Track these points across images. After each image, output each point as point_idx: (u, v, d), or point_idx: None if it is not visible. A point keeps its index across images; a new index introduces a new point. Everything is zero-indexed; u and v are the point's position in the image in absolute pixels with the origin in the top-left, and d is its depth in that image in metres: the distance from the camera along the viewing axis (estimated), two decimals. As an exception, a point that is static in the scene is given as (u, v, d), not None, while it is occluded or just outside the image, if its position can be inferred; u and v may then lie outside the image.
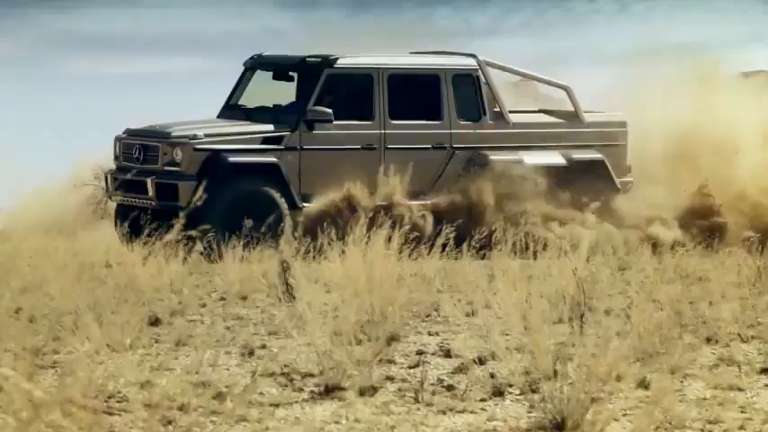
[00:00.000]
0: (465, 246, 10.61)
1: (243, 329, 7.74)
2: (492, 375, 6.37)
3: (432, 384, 6.22)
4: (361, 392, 6.02)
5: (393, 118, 13.53)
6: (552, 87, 14.26)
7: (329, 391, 6.05)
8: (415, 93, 13.68)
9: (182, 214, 8.93)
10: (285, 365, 6.56)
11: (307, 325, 6.88)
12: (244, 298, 8.97)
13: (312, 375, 6.35)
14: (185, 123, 13.36)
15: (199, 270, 10.29)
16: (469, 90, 13.83)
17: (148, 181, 12.91)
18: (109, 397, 5.73)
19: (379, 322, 7.45)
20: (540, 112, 14.38)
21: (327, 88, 13.39)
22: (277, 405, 5.82)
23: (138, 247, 9.75)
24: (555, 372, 5.90)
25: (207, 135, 13.08)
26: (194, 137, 13.00)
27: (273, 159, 13.06)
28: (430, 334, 7.70)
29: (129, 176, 12.90)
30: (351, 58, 13.60)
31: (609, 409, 5.52)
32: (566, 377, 5.64)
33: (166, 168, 12.98)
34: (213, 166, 12.81)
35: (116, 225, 13.32)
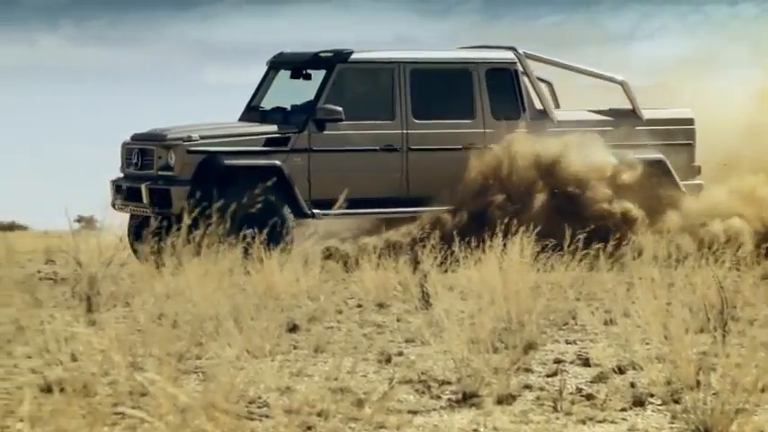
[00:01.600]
0: (602, 254, 10.46)
1: (380, 336, 7.77)
2: (632, 385, 6.29)
3: (570, 393, 6.17)
4: (499, 401, 5.99)
5: (417, 117, 12.52)
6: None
7: (467, 398, 6.03)
8: (444, 89, 12.69)
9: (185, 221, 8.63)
10: (422, 373, 6.56)
11: (443, 332, 6.88)
12: (380, 305, 9.00)
13: (449, 383, 6.34)
14: (190, 126, 12.46)
15: (335, 277, 10.37)
16: (506, 86, 12.80)
17: (142, 187, 12.09)
18: (250, 402, 5.79)
19: (516, 330, 7.41)
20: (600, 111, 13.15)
21: (341, 85, 12.44)
22: (415, 412, 5.83)
23: (275, 254, 9.83)
24: (698, 382, 5.81)
25: (203, 137, 12.14)
26: (188, 139, 12.09)
27: (276, 162, 12.09)
28: (567, 342, 7.64)
29: (125, 183, 12.33)
30: (367, 53, 12.63)
31: (755, 420, 5.41)
32: (709, 387, 5.55)
33: (160, 173, 12.13)
34: (208, 169, 11.95)
35: (128, 235, 12.49)
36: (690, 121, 13.07)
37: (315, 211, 12.08)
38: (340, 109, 12.23)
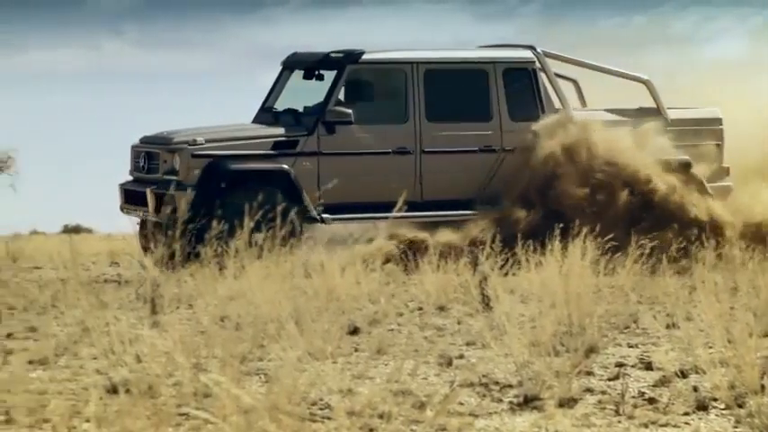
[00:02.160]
0: (664, 258, 10.38)
1: (440, 339, 7.77)
2: (695, 389, 6.26)
3: (633, 397, 6.14)
4: (561, 404, 5.98)
5: (431, 119, 12.18)
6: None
7: (528, 401, 6.03)
8: (459, 90, 12.33)
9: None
10: (483, 375, 6.56)
11: (504, 335, 6.88)
12: (441, 308, 9.01)
13: (510, 386, 6.34)
14: (198, 129, 12.16)
15: (396, 280, 10.38)
16: (525, 86, 12.43)
17: (147, 191, 11.82)
18: (312, 404, 5.82)
19: (577, 334, 7.39)
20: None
21: (352, 86, 12.12)
22: (476, 415, 5.83)
23: (336, 257, 9.86)
24: (762, 386, 5.77)
25: (208, 140, 11.86)
26: (193, 142, 11.82)
27: (282, 166, 11.80)
28: (629, 346, 7.61)
29: (132, 187, 12.11)
30: (379, 53, 12.27)
31: (820, 425, 5.37)
32: (773, 392, 5.51)
33: (165, 177, 11.84)
34: (213, 173, 11.69)
35: (139, 239, 12.13)
36: (718, 122, 12.67)
37: (325, 215, 11.81)
38: (350, 111, 11.95)
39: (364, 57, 12.14)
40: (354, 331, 7.95)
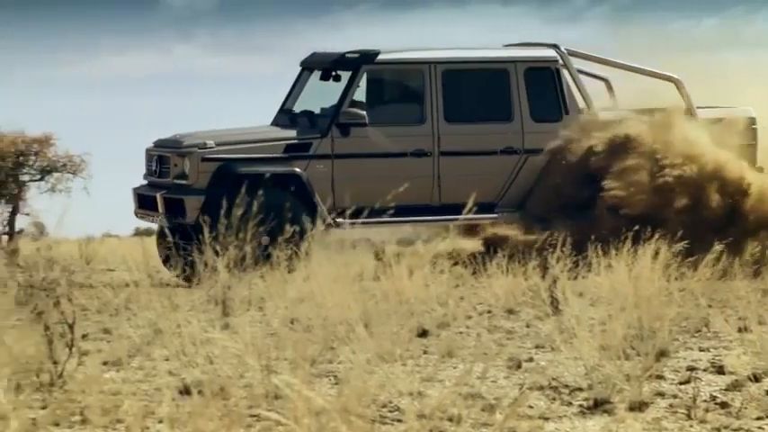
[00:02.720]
0: (737, 261, 10.26)
1: (509, 342, 7.77)
2: None
3: (704, 401, 6.10)
4: (631, 408, 5.95)
5: (449, 120, 11.85)
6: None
7: (598, 405, 6.01)
8: (479, 90, 12.02)
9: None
10: (553, 379, 6.55)
11: (574, 339, 6.86)
12: (509, 311, 8.99)
13: (580, 389, 6.32)
14: (210, 132, 11.86)
15: (464, 283, 10.37)
16: (547, 86, 12.10)
17: (157, 196, 11.58)
18: (382, 406, 5.84)
19: (648, 337, 7.35)
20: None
21: (367, 87, 11.82)
22: (546, 418, 5.82)
23: (404, 261, 9.87)
24: (835, 391, 5.71)
25: (219, 143, 11.57)
26: (203, 145, 11.53)
27: (294, 169, 11.51)
28: (701, 350, 7.55)
29: (144, 191, 11.90)
30: (396, 53, 11.93)
31: None
32: None
33: (175, 181, 11.61)
34: (222, 177, 11.40)
35: (158, 245, 11.97)
36: (751, 121, 12.31)
37: (339, 220, 11.45)
38: (364, 113, 11.68)
39: (380, 57, 11.85)
40: (423, 334, 7.96)
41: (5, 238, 17.58)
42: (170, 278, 11.12)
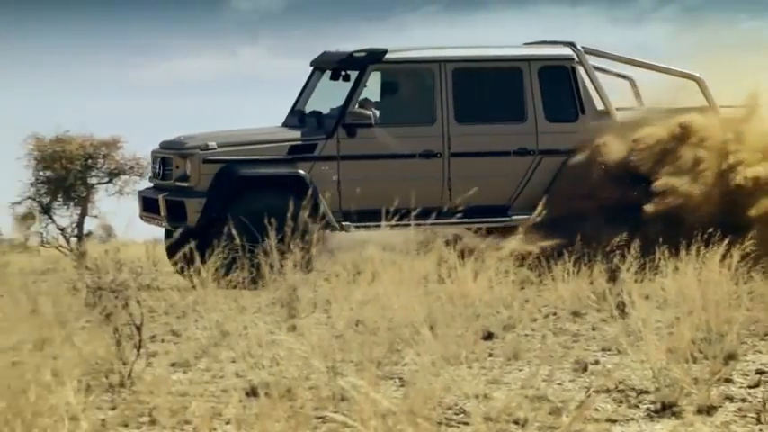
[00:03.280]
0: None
1: (575, 345, 7.73)
2: (838, 397, 6.13)
3: (773, 405, 6.04)
4: (699, 411, 5.91)
5: (460, 120, 11.52)
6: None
7: (666, 408, 5.97)
8: (491, 90, 11.69)
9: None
10: (620, 382, 6.51)
11: (640, 341, 6.82)
12: (575, 313, 8.95)
13: (647, 392, 6.28)
14: (214, 133, 11.53)
15: (529, 285, 10.34)
16: (563, 85, 11.77)
17: (159, 198, 11.33)
18: (447, 409, 5.84)
19: (716, 340, 7.28)
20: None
21: (375, 87, 11.54)
22: (614, 421, 5.79)
23: (469, 263, 9.87)
24: None
25: (221, 145, 11.26)
26: (205, 147, 11.24)
27: (298, 171, 11.21)
28: (770, 353, 7.49)
29: (147, 194, 11.69)
30: (404, 52, 11.60)
31: None
32: None
33: (177, 184, 11.35)
34: (223, 179, 11.13)
35: (166, 248, 11.70)
36: None
37: (345, 223, 11.21)
38: (370, 113, 11.39)
39: (388, 56, 11.53)
40: (488, 336, 7.94)
41: (74, 240, 17.77)
42: (236, 280, 11.14)
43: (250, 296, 9.58)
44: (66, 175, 17.65)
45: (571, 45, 11.97)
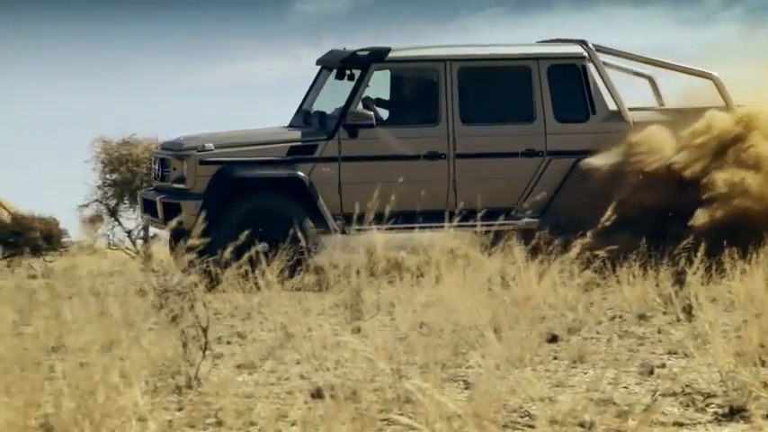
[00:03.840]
0: None
1: (641, 348, 7.68)
2: None
3: (844, 410, 5.96)
4: (768, 415, 5.86)
5: (466, 120, 11.18)
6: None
7: (734, 412, 5.91)
8: (498, 89, 11.34)
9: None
10: (686, 385, 6.45)
11: (707, 345, 6.76)
12: (640, 316, 8.89)
13: (715, 396, 6.22)
14: (212, 133, 11.27)
15: (593, 288, 10.28)
16: (573, 84, 11.40)
17: (157, 200, 11.10)
18: (512, 411, 5.82)
19: (785, 344, 7.21)
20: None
21: (377, 86, 11.24)
22: (681, 425, 5.75)
23: (533, 265, 9.83)
24: None
25: (218, 146, 10.99)
26: (202, 148, 10.98)
27: (297, 173, 10.91)
28: (841, 357, 7.38)
29: (147, 196, 11.50)
30: (408, 50, 11.29)
31: None
32: None
33: (174, 185, 11.12)
34: (220, 181, 10.86)
35: (170, 250, 11.61)
36: None
37: (346, 226, 10.87)
38: (371, 113, 11.09)
39: (391, 54, 11.21)
40: (553, 339, 7.90)
41: (141, 242, 17.92)
42: (299, 283, 11.15)
43: (314, 298, 9.61)
44: (132, 177, 17.77)
45: (582, 43, 11.64)
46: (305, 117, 11.77)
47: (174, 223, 10.03)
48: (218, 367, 6.47)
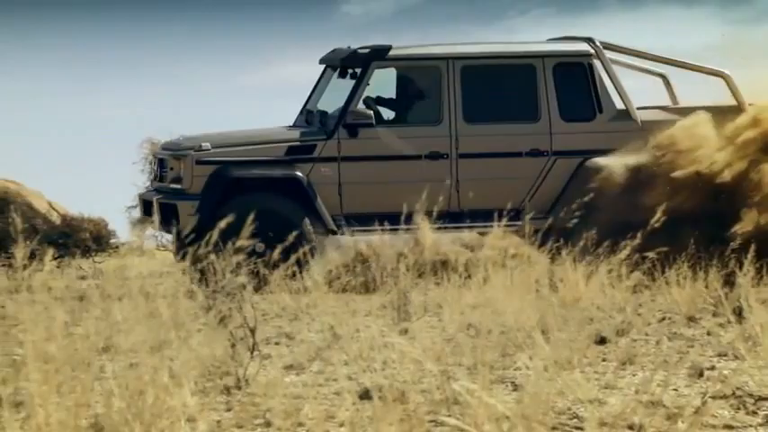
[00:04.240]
0: None
1: (690, 350, 7.63)
2: None
3: None
4: (821, 419, 5.80)
5: (468, 119, 11.00)
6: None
7: (786, 415, 5.87)
8: (502, 88, 11.14)
9: None
10: (737, 388, 6.41)
11: (758, 347, 6.71)
12: (690, 318, 8.84)
13: (765, 399, 6.17)
14: (210, 134, 11.12)
15: (643, 289, 10.22)
16: (579, 82, 11.18)
17: (153, 201, 10.99)
18: (560, 413, 5.80)
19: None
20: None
21: (378, 85, 11.10)
22: (731, 428, 5.70)
23: (581, 267, 9.79)
24: None
25: (215, 146, 10.85)
26: (199, 148, 10.85)
27: (294, 173, 10.77)
28: None
29: (144, 196, 11.45)
30: (409, 48, 11.13)
31: None
32: None
33: (171, 186, 10.99)
34: (216, 181, 10.72)
35: (176, 255, 11.43)
36: None
37: (345, 227, 10.77)
38: (371, 113, 10.93)
39: (392, 52, 11.06)
40: (601, 341, 7.87)
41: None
42: (346, 284, 11.13)
43: (361, 300, 9.61)
44: (180, 178, 17.83)
45: (589, 40, 11.41)
46: (308, 117, 11.66)
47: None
48: (266, 368, 6.49)
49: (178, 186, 10.93)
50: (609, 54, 11.64)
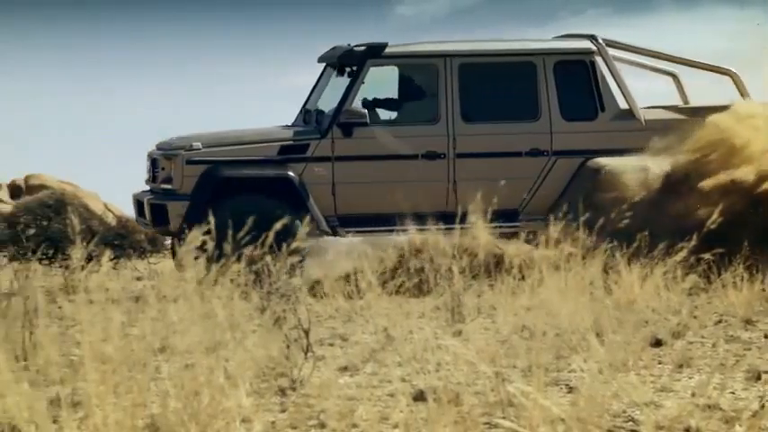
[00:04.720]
0: None
1: (747, 353, 7.57)
2: None
3: None
4: None
5: (467, 119, 10.75)
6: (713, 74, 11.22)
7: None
8: (501, 86, 10.89)
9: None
10: (794, 391, 6.36)
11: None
12: (746, 321, 8.77)
13: (824, 403, 6.11)
14: (203, 134, 10.92)
15: (698, 292, 10.15)
16: (580, 80, 10.93)
17: (144, 201, 10.82)
18: (615, 416, 5.77)
19: None
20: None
21: (374, 83, 10.86)
22: (789, 432, 5.65)
23: (636, 269, 9.73)
24: None
25: (206, 145, 10.69)
26: (189, 147, 10.69)
27: (284, 172, 10.58)
28: None
29: (137, 196, 11.23)
30: (404, 46, 10.94)
31: None
32: None
33: (162, 186, 10.83)
34: (206, 181, 10.54)
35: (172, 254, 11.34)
36: None
37: (339, 228, 10.59)
38: (365, 111, 10.71)
39: (388, 50, 10.85)
40: (657, 343, 7.82)
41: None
42: (399, 285, 11.11)
43: (414, 302, 9.61)
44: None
45: (591, 38, 11.15)
46: (305, 116, 11.52)
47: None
48: (320, 369, 6.50)
49: (169, 187, 10.79)
50: (615, 52, 11.45)
